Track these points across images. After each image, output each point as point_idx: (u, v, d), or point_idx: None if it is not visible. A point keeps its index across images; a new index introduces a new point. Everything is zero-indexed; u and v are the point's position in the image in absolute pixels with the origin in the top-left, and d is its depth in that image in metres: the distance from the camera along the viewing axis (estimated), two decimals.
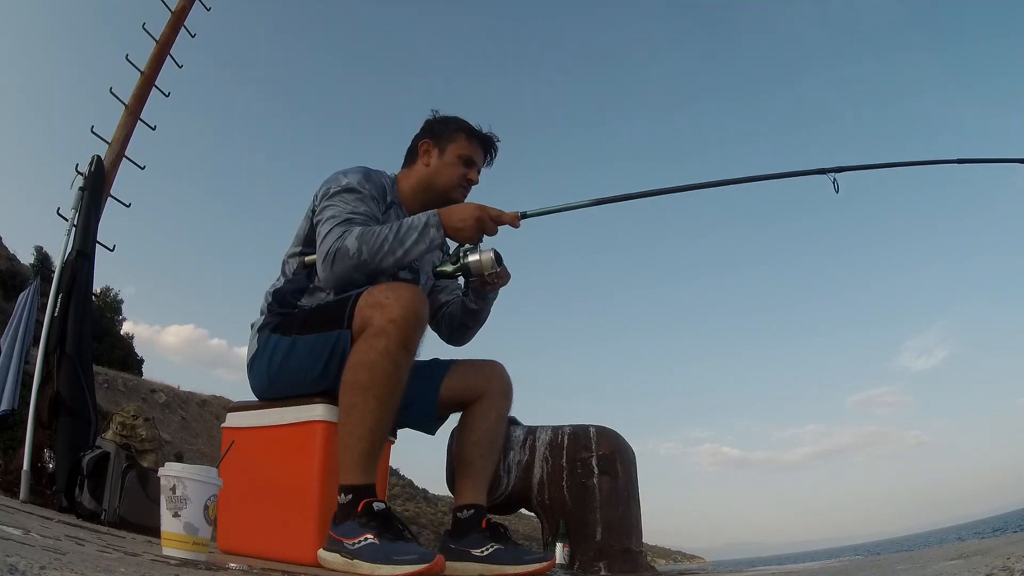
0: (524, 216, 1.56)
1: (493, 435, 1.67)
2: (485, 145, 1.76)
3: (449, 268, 1.58)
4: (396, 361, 1.34)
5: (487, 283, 1.65)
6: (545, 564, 1.51)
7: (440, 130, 1.75)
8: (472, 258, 1.54)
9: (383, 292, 1.38)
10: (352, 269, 1.46)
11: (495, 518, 1.65)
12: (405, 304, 1.34)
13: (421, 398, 1.67)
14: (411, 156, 1.78)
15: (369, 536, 1.27)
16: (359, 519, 1.30)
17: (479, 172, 1.75)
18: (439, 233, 1.49)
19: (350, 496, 1.33)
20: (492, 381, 1.68)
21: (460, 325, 1.81)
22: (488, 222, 1.53)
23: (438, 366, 1.73)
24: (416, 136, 1.79)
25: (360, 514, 1.30)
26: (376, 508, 1.31)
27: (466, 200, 1.73)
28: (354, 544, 1.27)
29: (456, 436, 1.70)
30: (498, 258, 1.56)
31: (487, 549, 1.53)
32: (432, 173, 1.72)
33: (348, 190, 1.58)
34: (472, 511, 1.61)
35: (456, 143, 1.72)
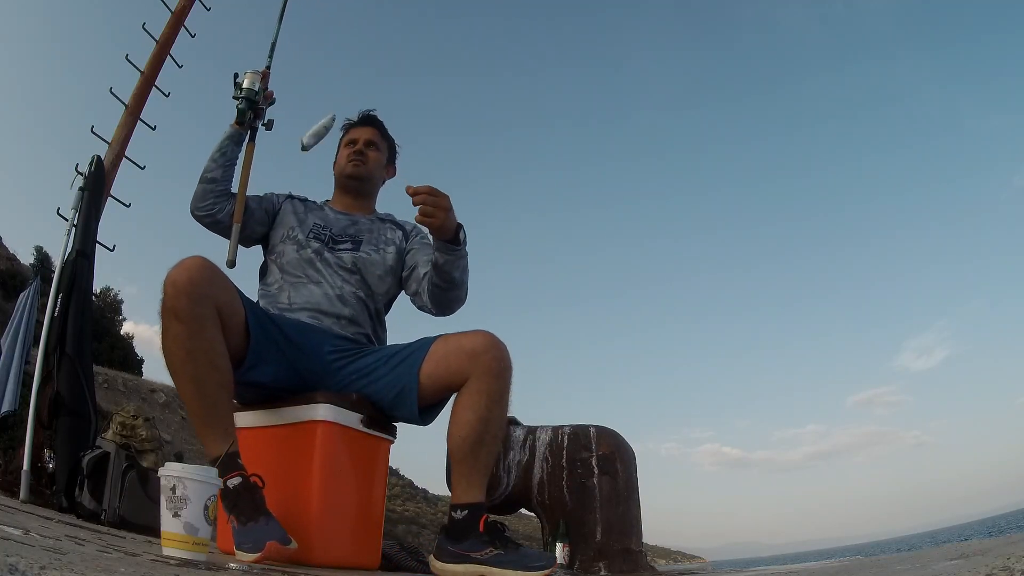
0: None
1: (484, 424, 1.50)
2: (360, 122, 2.04)
3: (242, 105, 1.86)
4: (172, 334, 1.37)
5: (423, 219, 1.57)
6: (549, 570, 1.42)
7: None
8: (240, 79, 1.88)
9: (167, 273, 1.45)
10: (198, 184, 1.81)
11: (494, 518, 1.56)
12: (166, 280, 1.39)
13: (402, 389, 1.60)
14: None
15: (232, 519, 1.31)
16: (223, 501, 1.32)
17: (366, 141, 2.00)
18: (231, 126, 1.86)
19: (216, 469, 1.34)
20: (478, 358, 1.50)
21: (434, 287, 1.74)
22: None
23: (419, 348, 1.61)
24: None
25: (221, 496, 1.32)
26: (231, 486, 1.32)
27: (366, 167, 1.98)
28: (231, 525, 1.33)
29: (447, 429, 1.57)
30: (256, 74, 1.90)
31: (487, 553, 1.45)
32: (335, 171, 2.04)
33: None
34: (467, 511, 1.50)
35: (340, 142, 2.05)
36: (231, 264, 1.74)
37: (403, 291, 1.94)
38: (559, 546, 2.01)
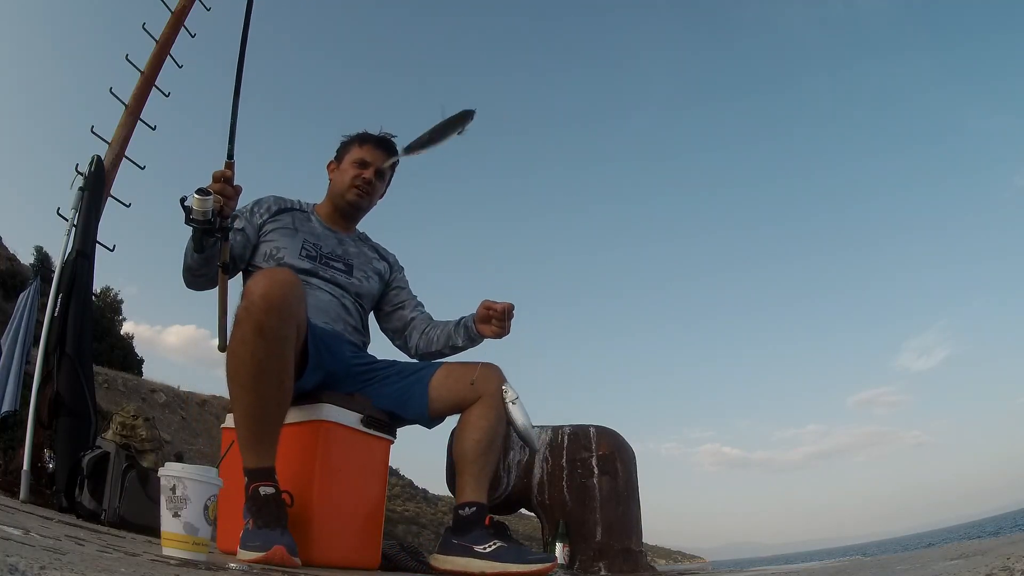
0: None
1: (494, 434, 1.68)
2: (379, 145, 1.90)
3: (197, 236, 1.52)
4: (251, 348, 1.36)
5: (492, 329, 1.76)
6: (548, 565, 1.53)
7: (341, 148, 1.94)
8: (188, 203, 1.46)
9: (252, 279, 1.43)
10: (186, 273, 1.66)
11: (496, 518, 1.67)
12: (256, 290, 1.38)
13: (413, 392, 1.73)
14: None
15: (249, 520, 1.33)
16: (248, 502, 1.36)
17: (379, 171, 1.90)
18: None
19: (247, 479, 1.38)
20: (491, 381, 1.71)
21: (436, 353, 1.89)
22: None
23: (429, 365, 1.79)
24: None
25: (249, 497, 1.35)
26: (262, 493, 1.34)
27: (369, 199, 1.92)
28: (245, 526, 1.35)
29: (456, 435, 1.72)
30: (201, 191, 1.45)
31: (490, 546, 1.55)
32: (334, 183, 1.92)
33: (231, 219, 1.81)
34: (474, 508, 1.63)
35: (350, 152, 1.90)
36: (223, 349, 1.63)
37: (378, 320, 2.01)
38: (559, 546, 2.01)
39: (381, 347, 2.02)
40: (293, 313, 1.42)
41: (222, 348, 1.67)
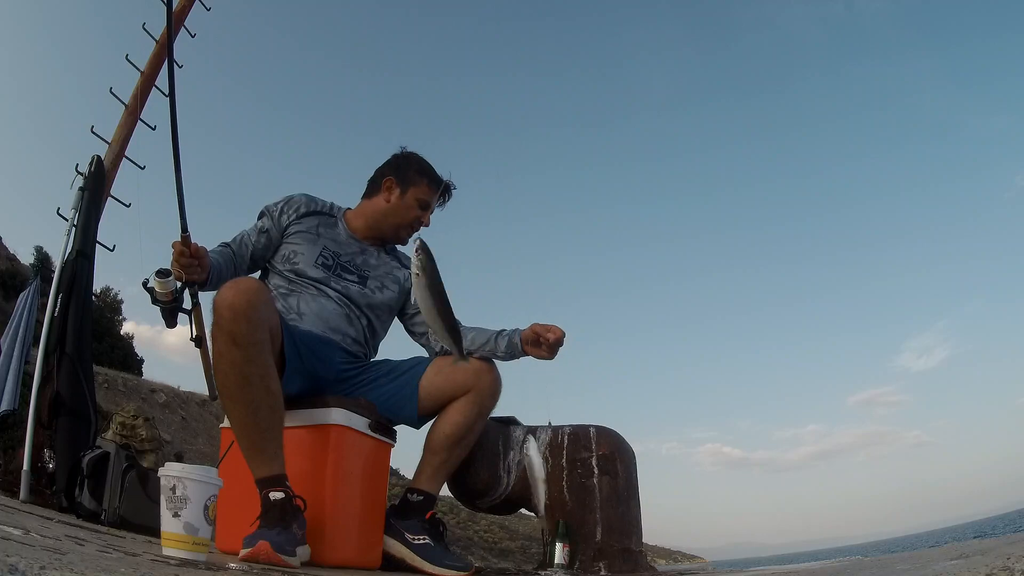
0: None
1: (466, 430, 1.72)
2: (444, 192, 1.92)
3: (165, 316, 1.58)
4: (230, 360, 1.38)
5: (541, 353, 1.77)
6: (463, 574, 1.61)
7: (405, 170, 1.90)
8: (150, 285, 1.55)
9: (217, 292, 1.44)
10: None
11: (438, 515, 1.73)
12: (222, 302, 1.39)
13: (404, 395, 1.75)
14: (373, 187, 1.94)
15: (258, 523, 1.35)
16: (263, 506, 1.38)
17: (431, 214, 1.92)
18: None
19: (258, 488, 1.39)
20: (481, 377, 1.72)
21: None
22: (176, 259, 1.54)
23: (419, 363, 1.80)
24: (380, 170, 1.94)
25: (261, 503, 1.38)
26: (272, 498, 1.36)
27: (411, 238, 1.90)
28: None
29: (433, 423, 1.76)
30: (160, 273, 1.54)
31: (419, 539, 1.64)
32: (391, 210, 1.88)
33: (259, 215, 1.88)
34: (422, 498, 1.70)
35: (418, 187, 1.88)
36: (215, 398, 1.68)
37: (402, 323, 2.03)
38: (559, 546, 2.00)
39: (393, 352, 2.05)
40: (262, 318, 1.42)
41: (213, 397, 1.72)
